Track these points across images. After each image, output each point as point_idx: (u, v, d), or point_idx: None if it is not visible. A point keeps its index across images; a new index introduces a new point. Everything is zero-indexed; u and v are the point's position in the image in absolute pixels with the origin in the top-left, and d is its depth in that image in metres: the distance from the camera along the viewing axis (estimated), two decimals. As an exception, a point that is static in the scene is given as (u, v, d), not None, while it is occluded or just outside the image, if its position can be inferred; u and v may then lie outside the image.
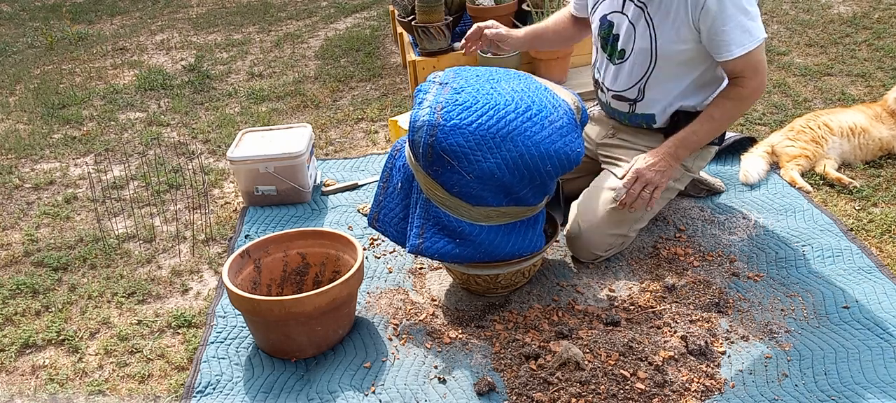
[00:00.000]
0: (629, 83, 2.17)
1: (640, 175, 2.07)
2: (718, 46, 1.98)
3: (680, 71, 2.09)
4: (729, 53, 1.97)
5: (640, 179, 2.07)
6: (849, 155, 2.61)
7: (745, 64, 1.98)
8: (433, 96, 1.84)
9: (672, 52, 2.05)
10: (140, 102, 3.88)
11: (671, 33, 2.03)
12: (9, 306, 2.22)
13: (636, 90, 2.17)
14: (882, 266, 2.07)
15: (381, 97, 3.68)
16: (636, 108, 2.21)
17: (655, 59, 2.08)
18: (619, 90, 2.21)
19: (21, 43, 5.24)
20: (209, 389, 1.82)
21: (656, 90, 2.14)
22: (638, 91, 2.17)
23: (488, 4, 3.50)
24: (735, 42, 1.95)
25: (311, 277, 2.11)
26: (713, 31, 1.96)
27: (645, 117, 2.21)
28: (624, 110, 2.24)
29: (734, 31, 1.94)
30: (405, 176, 1.97)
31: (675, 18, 2.01)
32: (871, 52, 3.63)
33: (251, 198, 2.67)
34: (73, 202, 2.86)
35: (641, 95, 2.17)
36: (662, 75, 2.10)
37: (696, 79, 2.11)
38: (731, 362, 1.78)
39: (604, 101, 2.32)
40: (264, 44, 4.80)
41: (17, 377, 1.95)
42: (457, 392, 1.74)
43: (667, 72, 2.10)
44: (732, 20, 1.94)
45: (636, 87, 2.17)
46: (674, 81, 2.11)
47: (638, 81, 2.15)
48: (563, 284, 2.12)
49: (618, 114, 2.28)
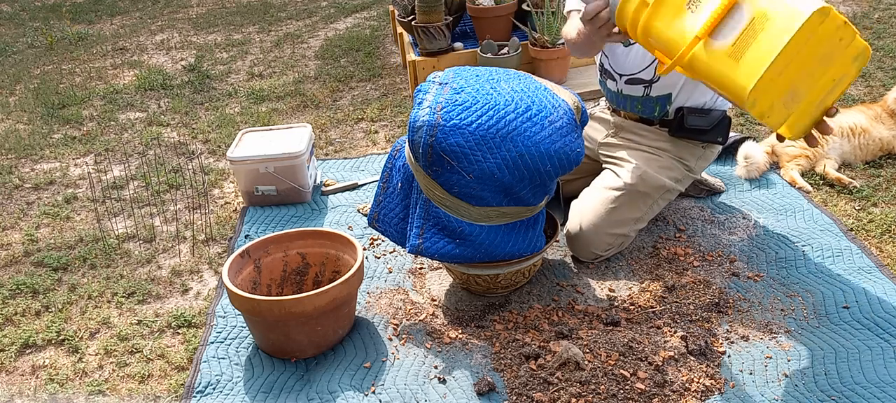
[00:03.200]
0: (644, 63, 2.16)
1: None
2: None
3: None
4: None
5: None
6: (849, 155, 2.61)
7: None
8: (433, 96, 1.84)
9: None
10: (140, 102, 3.88)
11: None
12: (9, 306, 2.22)
13: (652, 70, 2.16)
14: (882, 266, 2.07)
15: (381, 97, 3.69)
16: (651, 91, 2.19)
17: None
18: (633, 72, 2.19)
19: (21, 43, 5.24)
20: (209, 389, 1.82)
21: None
22: (652, 70, 2.16)
23: (488, 4, 3.50)
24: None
25: (311, 277, 2.11)
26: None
27: (660, 100, 2.19)
28: (638, 94, 2.22)
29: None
30: (405, 176, 1.97)
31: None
32: (872, 52, 3.63)
33: (251, 198, 2.67)
34: (73, 202, 2.86)
35: (657, 76, 2.15)
36: None
37: None
38: (731, 362, 1.78)
39: (615, 91, 2.29)
40: (264, 44, 4.80)
41: (17, 377, 1.95)
42: (457, 392, 1.74)
43: None
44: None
45: (651, 67, 2.15)
46: None
47: (653, 60, 2.13)
48: (563, 284, 2.12)
49: (630, 102, 2.25)
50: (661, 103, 2.19)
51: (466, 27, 3.76)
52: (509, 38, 3.43)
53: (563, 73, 3.41)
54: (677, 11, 1.62)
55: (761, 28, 1.47)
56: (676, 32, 1.62)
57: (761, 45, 1.47)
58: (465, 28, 3.76)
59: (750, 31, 1.49)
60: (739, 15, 1.50)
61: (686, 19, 1.60)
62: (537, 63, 3.38)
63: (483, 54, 3.33)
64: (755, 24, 1.48)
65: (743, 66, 1.49)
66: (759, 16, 1.47)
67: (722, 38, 1.53)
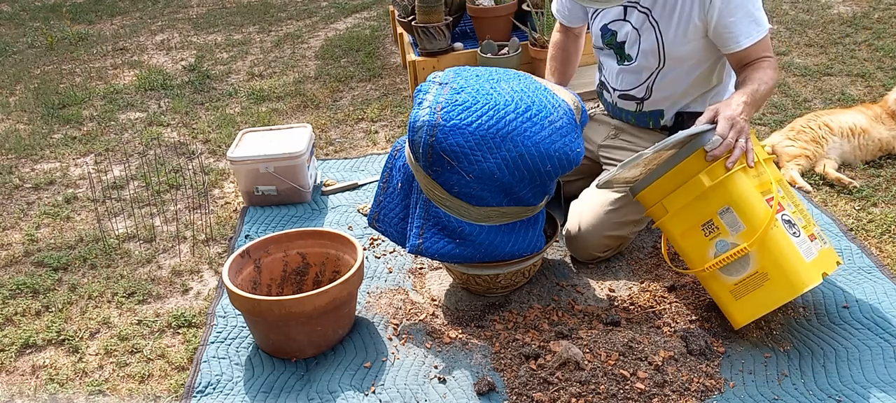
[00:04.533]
0: (636, 82, 2.17)
1: (735, 121, 1.73)
2: (726, 39, 1.95)
3: (688, 67, 2.08)
4: (736, 45, 1.93)
5: (735, 126, 1.73)
6: (849, 155, 2.62)
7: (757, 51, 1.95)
8: (433, 96, 1.84)
9: (680, 52, 2.04)
10: (140, 102, 3.88)
11: (678, 33, 2.01)
12: (9, 306, 2.22)
13: (644, 89, 2.16)
14: (882, 266, 2.07)
15: (381, 97, 3.69)
16: (644, 107, 2.20)
17: (664, 59, 2.07)
18: (627, 89, 2.21)
19: (21, 43, 5.24)
20: (209, 389, 1.82)
21: (664, 88, 2.13)
22: (646, 89, 2.16)
23: (488, 4, 3.50)
24: (743, 33, 1.92)
25: (311, 277, 2.11)
26: (720, 24, 1.93)
27: (653, 115, 2.20)
28: (631, 109, 2.24)
29: (742, 22, 1.91)
30: (405, 176, 1.97)
31: (681, 17, 1.99)
32: (871, 52, 3.63)
33: (251, 198, 2.67)
34: (74, 202, 2.86)
35: (649, 93, 2.16)
36: (671, 73, 2.10)
37: (704, 73, 2.10)
38: (731, 362, 1.78)
39: (610, 102, 2.31)
40: (264, 44, 4.80)
41: (17, 377, 1.95)
42: (457, 392, 1.74)
43: (675, 71, 2.09)
44: (740, 10, 1.91)
45: (644, 86, 2.16)
46: (682, 78, 2.10)
47: (645, 81, 2.15)
48: (563, 284, 2.12)
49: (624, 114, 2.27)
50: (653, 117, 2.21)
51: (466, 27, 3.76)
52: (509, 38, 3.43)
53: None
54: (693, 229, 1.79)
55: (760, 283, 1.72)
56: (689, 245, 1.82)
57: (758, 297, 1.73)
58: (465, 28, 3.76)
59: (751, 281, 1.73)
60: (745, 262, 1.72)
61: (698, 238, 1.79)
62: (537, 63, 3.37)
63: (483, 54, 3.33)
64: (757, 278, 1.72)
65: (741, 304, 1.76)
66: (761, 274, 1.71)
67: (728, 274, 1.76)
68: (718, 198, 1.72)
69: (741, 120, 1.75)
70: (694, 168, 1.75)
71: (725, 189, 1.72)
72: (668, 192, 1.81)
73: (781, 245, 1.69)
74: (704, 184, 1.73)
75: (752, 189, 1.72)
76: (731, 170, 1.71)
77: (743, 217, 1.70)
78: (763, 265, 1.70)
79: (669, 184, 1.80)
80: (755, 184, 1.73)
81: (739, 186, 1.71)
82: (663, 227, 1.87)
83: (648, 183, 1.85)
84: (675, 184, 1.79)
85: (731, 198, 1.71)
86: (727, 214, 1.72)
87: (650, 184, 1.84)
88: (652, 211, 1.88)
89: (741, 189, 1.71)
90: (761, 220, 1.69)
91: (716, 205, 1.73)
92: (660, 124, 2.21)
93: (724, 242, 1.74)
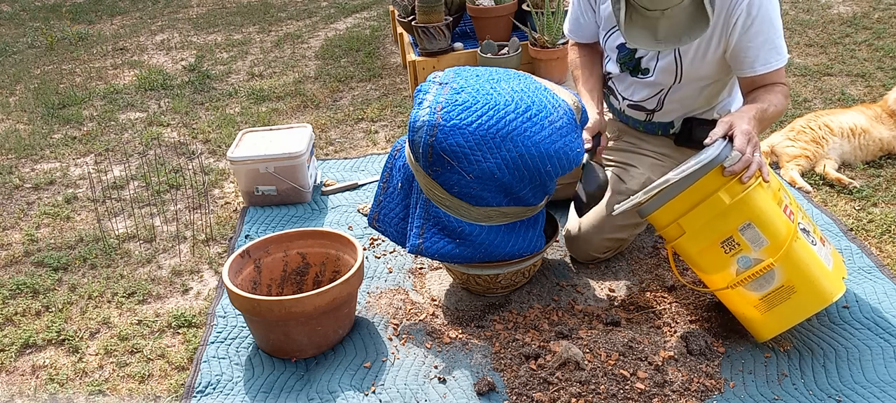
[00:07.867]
0: (649, 95, 2.13)
1: (751, 135, 1.70)
2: (741, 62, 1.90)
3: (703, 84, 2.05)
4: (751, 69, 1.89)
5: (751, 140, 1.69)
6: (849, 155, 2.62)
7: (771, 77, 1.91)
8: (433, 96, 1.84)
9: (698, 72, 2.00)
10: (140, 102, 3.88)
11: (697, 53, 1.96)
12: (9, 306, 2.22)
13: (656, 101, 2.13)
14: (882, 266, 2.07)
15: (381, 97, 3.69)
16: (654, 118, 2.17)
17: (680, 76, 2.02)
18: (637, 101, 2.17)
19: (21, 43, 5.24)
20: (209, 389, 1.82)
21: (677, 102, 2.10)
22: (657, 102, 2.12)
23: (488, 4, 3.50)
24: (759, 59, 1.87)
25: (311, 277, 2.11)
26: (739, 47, 1.88)
27: (661, 126, 2.18)
28: (640, 119, 2.20)
29: (761, 48, 1.86)
30: (405, 176, 1.97)
31: (702, 38, 1.91)
32: (871, 52, 3.63)
33: (251, 198, 2.67)
34: (74, 202, 2.86)
35: (660, 106, 2.13)
36: (685, 89, 2.06)
37: (717, 88, 2.07)
38: (731, 362, 1.78)
39: (617, 108, 2.26)
40: (264, 44, 4.80)
41: (17, 377, 1.95)
42: (457, 392, 1.74)
43: (690, 86, 2.05)
44: (761, 35, 1.85)
45: (656, 99, 2.12)
46: (695, 94, 2.07)
47: (657, 94, 2.11)
48: (563, 284, 2.12)
49: (632, 122, 2.24)
50: (663, 128, 2.19)
51: (466, 27, 3.76)
52: (509, 39, 3.43)
53: (563, 73, 3.41)
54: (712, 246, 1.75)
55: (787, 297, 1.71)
56: (708, 263, 1.78)
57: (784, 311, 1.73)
58: (465, 28, 3.76)
59: (776, 295, 1.72)
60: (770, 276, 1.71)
61: (717, 255, 1.75)
62: (537, 63, 3.38)
63: (483, 54, 3.33)
64: (783, 291, 1.71)
65: (766, 319, 1.75)
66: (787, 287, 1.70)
67: (752, 289, 1.74)
68: (739, 214, 1.68)
69: (755, 135, 1.72)
70: (712, 185, 1.70)
71: (746, 205, 1.67)
72: (683, 212, 1.74)
73: (806, 257, 1.68)
74: (725, 202, 1.68)
75: (772, 202, 1.69)
76: (748, 185, 1.67)
77: (765, 232, 1.67)
78: (789, 278, 1.68)
79: (685, 203, 1.73)
80: (770, 195, 1.70)
81: (759, 202, 1.68)
82: (678, 247, 1.79)
83: (661, 203, 1.76)
84: (691, 203, 1.73)
85: (753, 213, 1.68)
86: (749, 230, 1.68)
87: (663, 205, 1.76)
88: (666, 231, 1.80)
89: (761, 204, 1.68)
90: (784, 234, 1.66)
91: (736, 222, 1.69)
92: (668, 132, 2.19)
93: (746, 258, 1.70)
